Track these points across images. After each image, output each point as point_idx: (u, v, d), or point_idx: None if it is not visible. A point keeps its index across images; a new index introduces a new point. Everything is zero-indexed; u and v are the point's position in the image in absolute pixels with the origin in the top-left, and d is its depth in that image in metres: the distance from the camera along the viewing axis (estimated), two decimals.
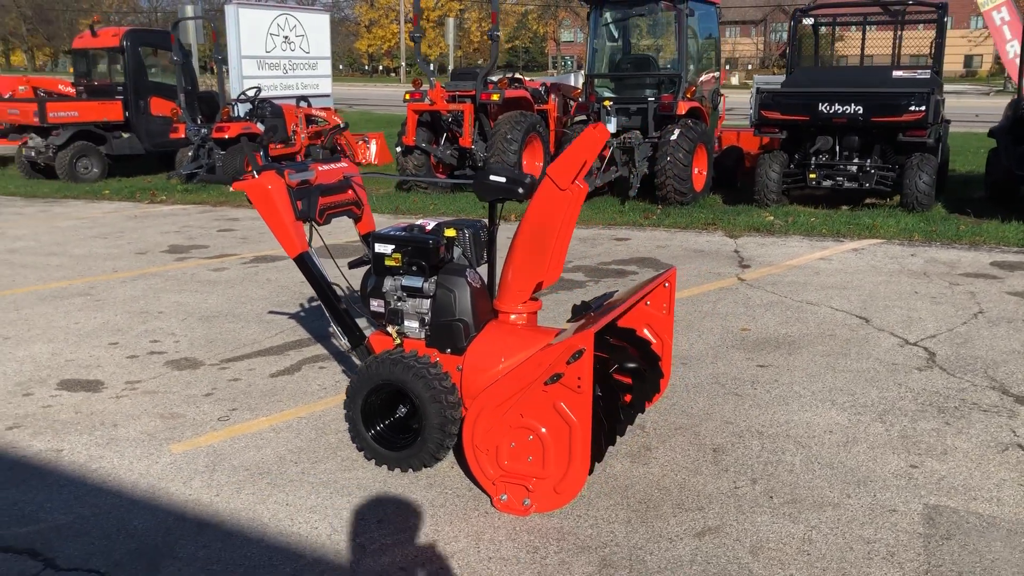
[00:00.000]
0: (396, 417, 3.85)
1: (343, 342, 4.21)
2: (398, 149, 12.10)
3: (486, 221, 4.23)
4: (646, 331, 4.35)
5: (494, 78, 12.54)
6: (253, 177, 3.96)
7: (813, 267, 7.54)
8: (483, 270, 4.16)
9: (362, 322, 4.39)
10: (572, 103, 12.70)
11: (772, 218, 9.55)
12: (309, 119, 14.76)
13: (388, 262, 3.94)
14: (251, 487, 3.67)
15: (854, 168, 10.16)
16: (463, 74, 12.00)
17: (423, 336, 3.96)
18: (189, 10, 25.70)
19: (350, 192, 4.31)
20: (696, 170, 10.75)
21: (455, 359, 3.86)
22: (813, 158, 10.30)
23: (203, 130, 12.90)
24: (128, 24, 63.05)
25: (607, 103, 10.61)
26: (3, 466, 3.87)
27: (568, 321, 3.98)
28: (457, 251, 4.10)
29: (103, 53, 14.85)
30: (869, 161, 10.15)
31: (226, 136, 12.79)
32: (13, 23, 71.80)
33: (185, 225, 9.95)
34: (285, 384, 4.87)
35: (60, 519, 3.43)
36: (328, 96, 27.01)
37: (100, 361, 5.22)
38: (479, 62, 67.12)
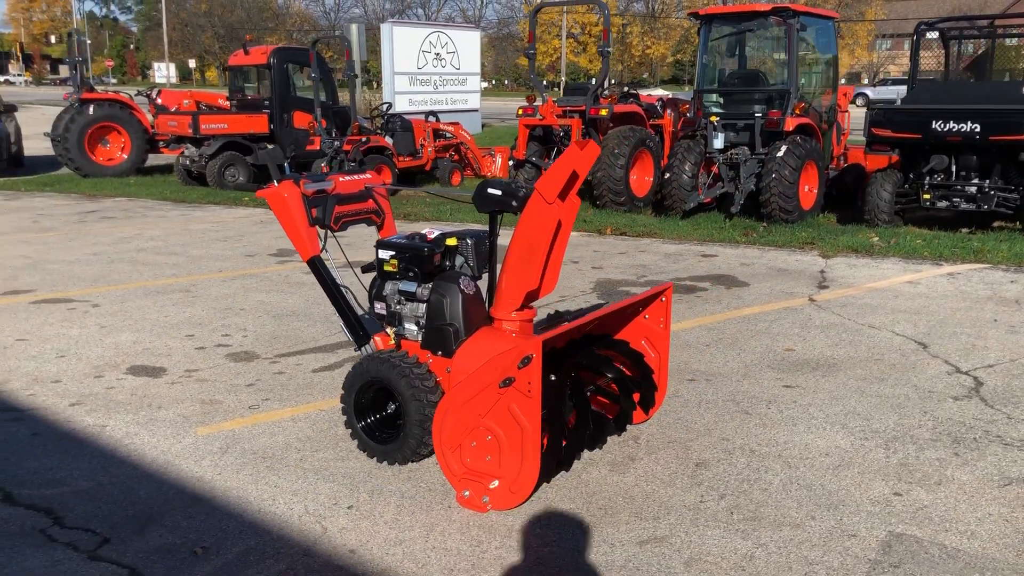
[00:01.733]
0: (385, 413, 4.11)
1: (350, 341, 4.51)
2: (510, 163, 12.44)
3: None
4: (644, 343, 4.42)
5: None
6: (275, 186, 4.32)
7: (895, 290, 7.27)
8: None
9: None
10: (680, 118, 12.67)
11: (876, 239, 9.22)
12: (437, 133, 15.34)
13: (387, 267, 4.22)
14: (250, 469, 4.02)
15: (972, 189, 9.67)
16: (575, 89, 12.21)
17: (419, 338, 4.20)
18: (354, 29, 27.20)
19: (370, 202, 4.61)
20: (805, 188, 10.51)
21: (446, 361, 4.08)
22: (927, 178, 9.87)
23: (336, 142, 13.68)
24: (307, 41, 66.83)
25: (713, 118, 10.54)
26: (54, 436, 4.39)
27: (542, 330, 4.11)
28: (460, 260, 4.32)
29: (253, 70, 15.99)
30: (988, 182, 9.62)
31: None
32: (208, 41, 77.57)
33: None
34: (322, 379, 5.23)
35: (82, 485, 3.88)
36: (477, 111, 27.89)
37: (171, 351, 5.76)
38: (644, 76, 66.93)
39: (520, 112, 12.11)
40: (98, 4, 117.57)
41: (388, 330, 4.30)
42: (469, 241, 4.32)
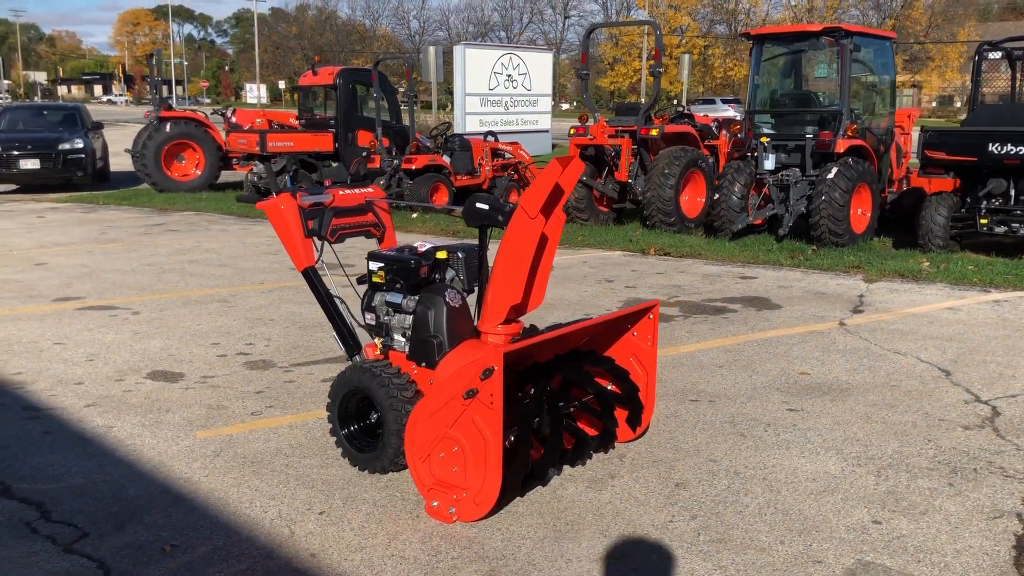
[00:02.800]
0: (367, 422, 4.17)
1: (342, 350, 4.59)
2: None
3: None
4: (632, 361, 4.39)
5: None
6: (273, 198, 4.45)
7: (932, 316, 7.05)
8: None
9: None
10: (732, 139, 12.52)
11: (927, 264, 8.95)
12: (495, 153, 15.47)
13: (375, 279, 4.30)
14: (236, 472, 4.13)
15: None
16: (627, 109, 12.19)
17: (406, 349, 4.27)
18: (432, 51, 27.73)
19: (370, 215, 4.70)
20: (858, 211, 10.28)
21: (430, 373, 4.13)
22: (984, 202, 9.54)
23: (395, 161, 13.93)
24: (389, 62, 68.10)
25: (764, 139, 10.41)
26: (64, 435, 4.59)
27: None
28: (452, 273, 4.38)
29: (321, 90, 16.42)
30: None
31: (413, 167, 13.72)
32: (297, 63, 79.80)
33: (351, 245, 10.80)
34: (328, 389, 5.32)
35: (76, 481, 4.05)
36: (547, 131, 28.03)
37: (194, 357, 5.95)
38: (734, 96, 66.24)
39: (571, 132, 12.15)
40: (196, 27, 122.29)
41: (376, 341, 4.38)
42: (460, 255, 4.37)
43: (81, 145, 18.07)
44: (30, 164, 17.55)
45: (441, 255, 4.33)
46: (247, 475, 4.10)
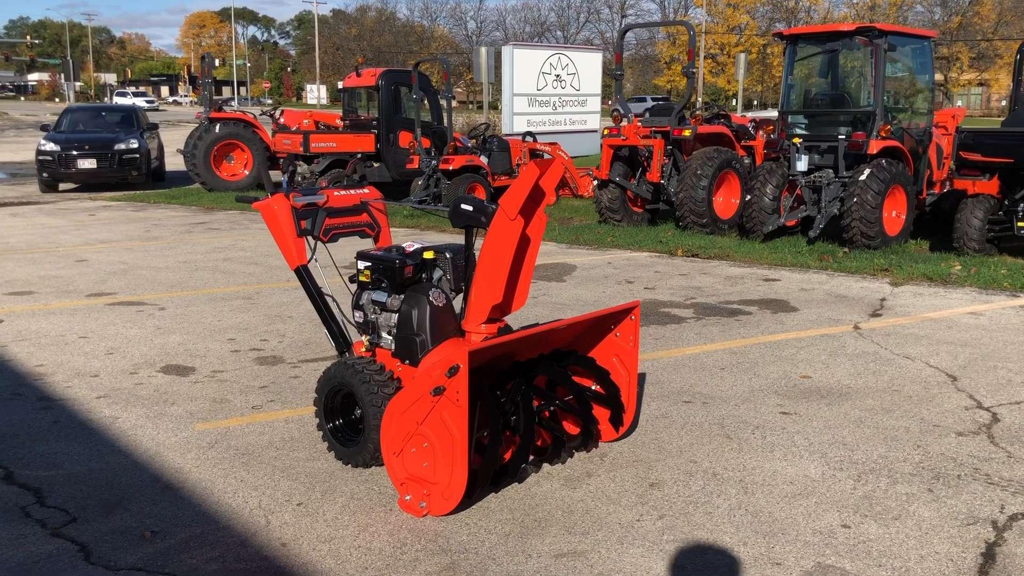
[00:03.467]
0: (351, 417, 4.28)
1: (332, 347, 4.71)
2: (594, 183, 12.49)
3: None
4: (615, 361, 4.42)
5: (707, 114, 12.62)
6: (268, 198, 4.58)
7: (952, 320, 6.93)
8: None
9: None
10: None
11: (958, 267, 8.78)
12: (534, 153, 15.53)
13: (361, 278, 4.41)
14: (227, 464, 4.27)
15: None
16: (661, 110, 12.16)
17: (392, 347, 4.36)
18: (483, 52, 27.88)
19: (364, 216, 4.81)
20: (892, 213, 10.12)
21: (413, 371, 4.23)
22: (1022, 204, 9.32)
23: (433, 162, 14.09)
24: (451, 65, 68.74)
25: (796, 140, 10.30)
26: (71, 424, 4.79)
27: None
28: (440, 273, 4.47)
29: (364, 91, 16.66)
30: None
31: (451, 167, 13.85)
32: (355, 64, 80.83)
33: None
34: None
35: (75, 469, 4.23)
36: (596, 131, 27.96)
37: (208, 352, 6.14)
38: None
39: (605, 132, 12.16)
40: (260, 29, 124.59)
41: (363, 338, 4.49)
42: (448, 255, 4.45)
43: (136, 145, 18.59)
44: (87, 164, 18.11)
45: (428, 255, 4.42)
46: (236, 466, 4.24)
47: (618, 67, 12.11)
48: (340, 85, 20.12)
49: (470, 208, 4.28)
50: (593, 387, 4.36)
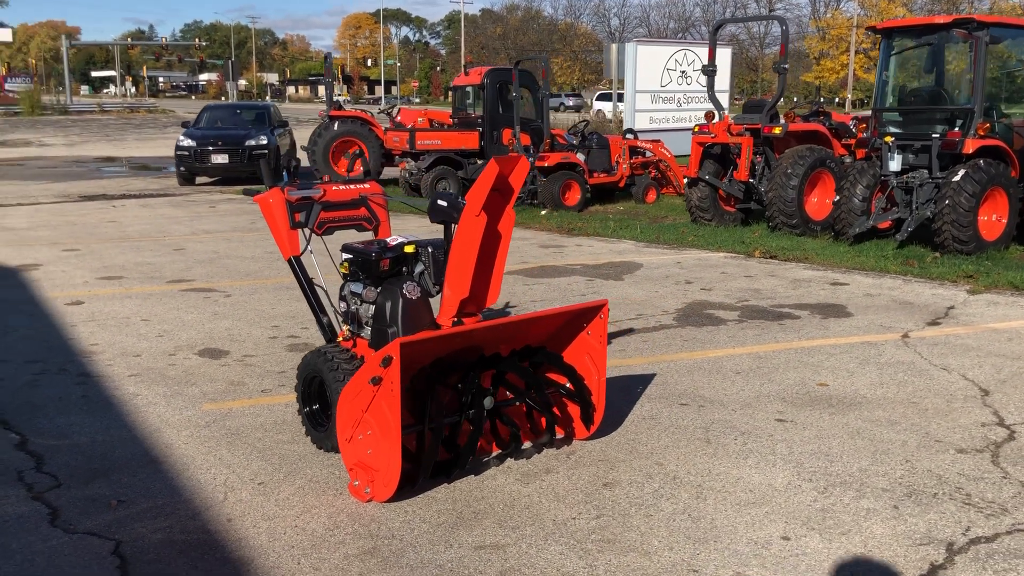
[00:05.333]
0: (326, 403, 4.44)
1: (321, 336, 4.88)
2: (684, 181, 12.29)
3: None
4: (587, 359, 4.40)
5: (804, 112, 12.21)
6: (265, 192, 4.80)
7: (1015, 332, 6.47)
8: None
9: None
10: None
11: None
12: (634, 150, 15.39)
13: (341, 269, 4.56)
14: (212, 443, 4.52)
15: None
16: (754, 106, 11.82)
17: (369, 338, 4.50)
18: (613, 48, 27.79)
19: (363, 210, 4.96)
20: (990, 216, 9.49)
21: None
22: None
23: (530, 159, 14.20)
24: (591, 60, 68.61)
25: (888, 139, 9.81)
26: (96, 399, 5.17)
27: None
28: (421, 267, 4.57)
29: (472, 89, 16.94)
30: None
31: (546, 165, 13.93)
32: (501, 63, 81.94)
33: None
34: None
35: (81, 439, 4.57)
36: None
37: (248, 338, 6.47)
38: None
39: (696, 129, 11.94)
40: (412, 29, 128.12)
41: (344, 328, 4.64)
42: (430, 249, 4.55)
43: (265, 142, 19.56)
44: (220, 159, 19.18)
45: (409, 249, 4.53)
46: (220, 445, 4.48)
47: (711, 63, 11.85)
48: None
49: (444, 204, 4.37)
50: (567, 384, 4.36)
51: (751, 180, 11.50)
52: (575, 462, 4.25)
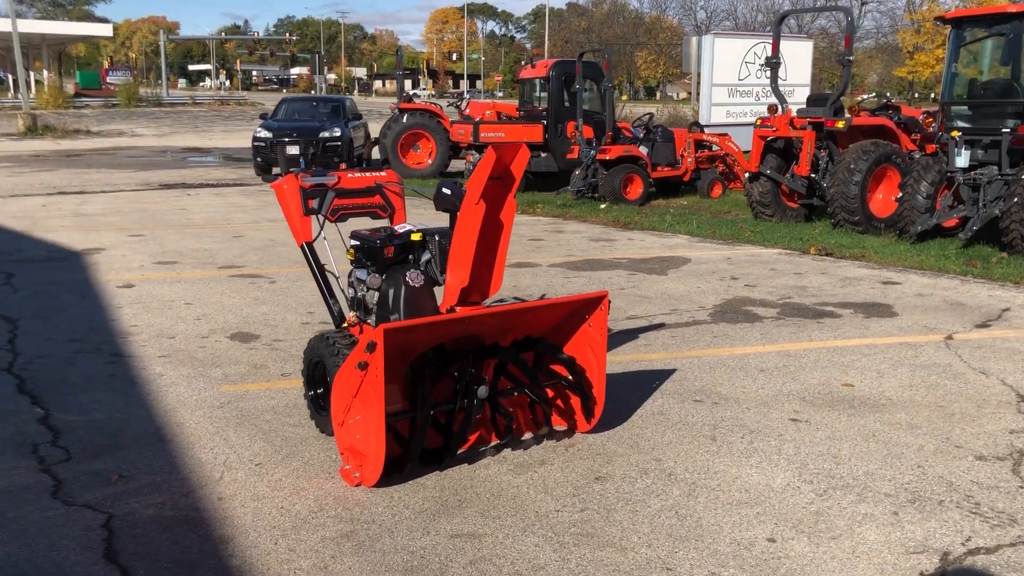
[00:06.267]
0: (328, 386, 4.47)
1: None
2: (745, 176, 12.03)
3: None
4: (589, 352, 4.33)
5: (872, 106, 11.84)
6: (280, 179, 4.87)
7: None
8: None
9: None
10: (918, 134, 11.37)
11: None
12: (700, 144, 15.13)
13: (348, 256, 4.60)
14: (222, 423, 4.60)
15: None
16: (817, 100, 11.49)
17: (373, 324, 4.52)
18: (693, 41, 27.40)
19: (377, 197, 4.99)
20: None
21: None
22: None
23: (592, 152, 14.10)
24: (676, 54, 67.61)
25: (955, 133, 9.41)
26: (123, 378, 5.33)
27: None
28: (428, 255, 4.58)
29: (538, 82, 16.90)
30: None
31: (608, 158, 13.81)
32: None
33: (512, 233, 11.16)
34: None
35: (99, 416, 4.72)
36: None
37: (281, 323, 6.58)
38: None
39: (757, 123, 11.67)
40: (498, 23, 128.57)
41: (351, 314, 4.68)
42: (437, 238, 4.55)
43: (339, 134, 19.87)
44: (294, 150, 19.56)
45: (415, 237, 4.54)
46: (228, 426, 4.57)
47: (774, 55, 11.56)
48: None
49: (448, 192, 4.37)
50: (568, 376, 4.31)
51: (813, 175, 11.18)
52: (572, 455, 4.20)
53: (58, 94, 48.28)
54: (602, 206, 13.35)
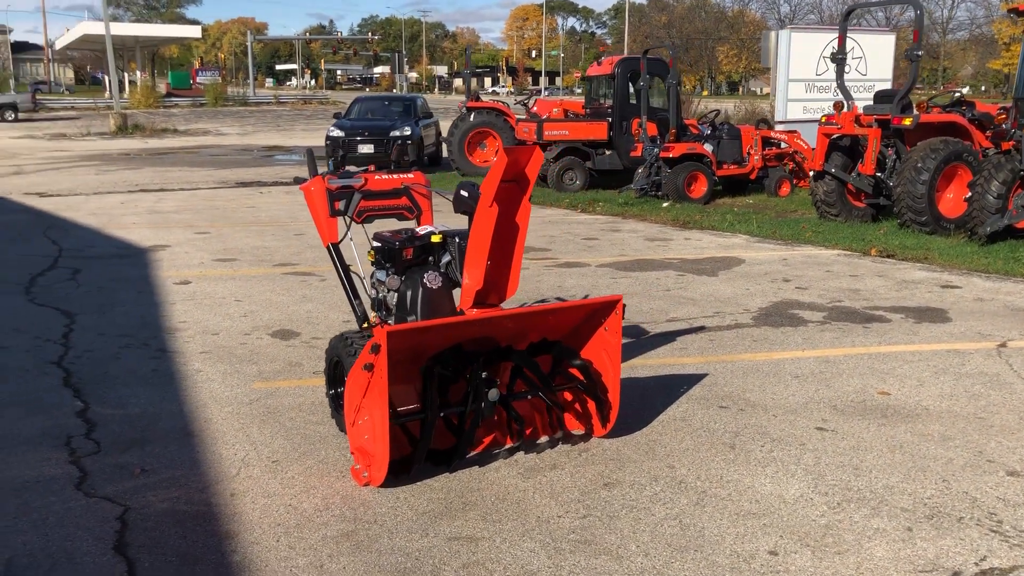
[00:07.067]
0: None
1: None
2: (810, 174, 11.74)
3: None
4: (604, 356, 4.28)
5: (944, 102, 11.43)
6: (308, 181, 4.95)
7: None
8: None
9: None
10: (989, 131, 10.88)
11: None
12: (767, 142, 14.82)
13: (368, 257, 4.65)
14: (248, 420, 4.71)
15: None
16: (885, 96, 11.13)
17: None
18: (772, 36, 26.90)
19: (404, 199, 5.03)
20: None
21: None
22: None
23: (655, 149, 13.94)
24: (758, 49, 66.30)
25: None
26: (163, 373, 5.49)
27: None
28: (448, 257, 4.60)
29: (603, 79, 16.79)
30: None
31: (671, 156, 13.64)
32: (664, 52, 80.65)
33: (567, 232, 11.13)
34: None
35: (133, 411, 4.87)
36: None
37: (322, 321, 6.69)
38: None
39: (823, 120, 11.37)
40: (579, 20, 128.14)
41: (372, 314, 4.73)
42: (457, 240, 4.56)
43: (409, 132, 20.12)
44: (366, 148, 19.86)
45: (436, 239, 4.57)
46: (254, 423, 4.66)
47: (840, 50, 11.26)
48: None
49: (465, 194, 4.38)
50: (584, 380, 4.27)
51: (878, 174, 10.85)
52: (585, 459, 4.17)
53: (149, 94, 50.06)
54: (664, 205, 13.20)
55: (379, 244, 4.63)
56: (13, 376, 5.42)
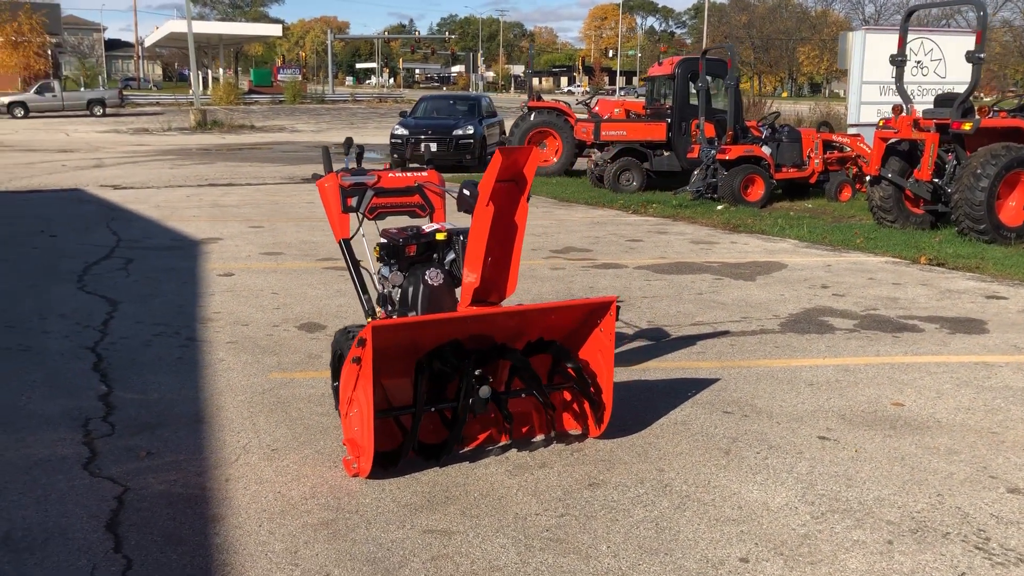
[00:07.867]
0: None
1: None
2: (867, 179, 11.47)
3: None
4: (599, 357, 4.28)
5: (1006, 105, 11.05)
6: (323, 177, 5.06)
7: None
8: None
9: None
10: None
11: None
12: (828, 145, 14.51)
13: (374, 253, 4.73)
14: (256, 408, 4.84)
15: None
16: (945, 100, 10.81)
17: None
18: (849, 36, 26.36)
19: (416, 197, 5.10)
20: None
21: None
22: None
23: (712, 151, 13.79)
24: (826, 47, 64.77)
25: None
26: (188, 361, 5.68)
27: None
28: (452, 255, 4.65)
29: (663, 80, 16.65)
30: None
31: (728, 158, 13.47)
32: (745, 53, 79.41)
33: (613, 233, 11.08)
34: None
35: (153, 396, 5.06)
36: None
37: (351, 314, 6.80)
38: None
39: (880, 124, 11.10)
40: (659, 19, 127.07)
41: (378, 310, 4.81)
42: (462, 238, 4.62)
43: (471, 132, 20.28)
44: (430, 146, 20.09)
45: (440, 236, 4.63)
46: (261, 412, 4.79)
47: (899, 52, 10.96)
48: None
49: (467, 193, 4.42)
50: (580, 381, 4.28)
51: (936, 180, 10.54)
52: (575, 459, 4.18)
53: (230, 91, 51.41)
54: (719, 207, 13.04)
55: (384, 240, 4.71)
56: (50, 359, 5.66)
